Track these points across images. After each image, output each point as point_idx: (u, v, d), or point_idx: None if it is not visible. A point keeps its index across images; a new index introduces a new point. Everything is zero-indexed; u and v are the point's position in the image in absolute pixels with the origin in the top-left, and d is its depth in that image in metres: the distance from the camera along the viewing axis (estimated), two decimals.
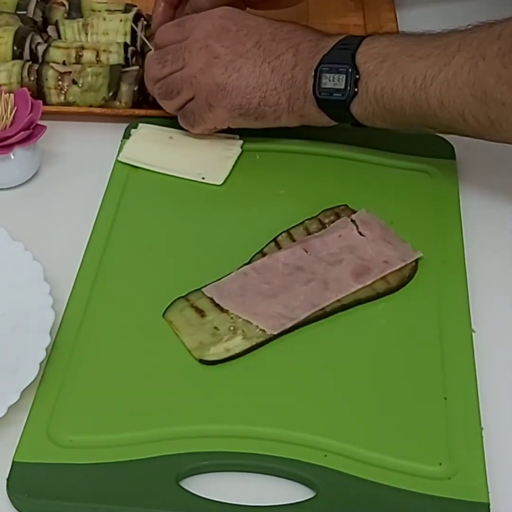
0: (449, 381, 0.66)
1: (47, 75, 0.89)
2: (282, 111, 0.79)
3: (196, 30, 0.80)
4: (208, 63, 0.78)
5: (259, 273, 0.72)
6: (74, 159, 0.86)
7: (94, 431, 0.63)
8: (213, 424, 0.63)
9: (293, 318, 0.69)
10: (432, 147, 0.85)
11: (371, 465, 0.61)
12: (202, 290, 0.71)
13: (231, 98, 0.78)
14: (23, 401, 0.62)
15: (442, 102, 0.72)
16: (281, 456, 0.61)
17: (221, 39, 0.79)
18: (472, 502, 0.59)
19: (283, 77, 0.78)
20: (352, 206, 0.78)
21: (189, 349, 0.67)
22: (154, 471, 0.60)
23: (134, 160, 0.84)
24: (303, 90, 0.78)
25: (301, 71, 0.78)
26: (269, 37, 0.79)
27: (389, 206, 0.79)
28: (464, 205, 0.80)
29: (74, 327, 0.69)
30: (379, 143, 0.85)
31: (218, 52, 0.78)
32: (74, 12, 0.99)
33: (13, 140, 0.80)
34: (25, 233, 0.75)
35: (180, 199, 0.81)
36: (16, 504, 0.59)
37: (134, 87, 0.89)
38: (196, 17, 0.82)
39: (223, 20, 0.80)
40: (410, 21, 1.04)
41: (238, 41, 0.79)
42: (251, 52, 0.78)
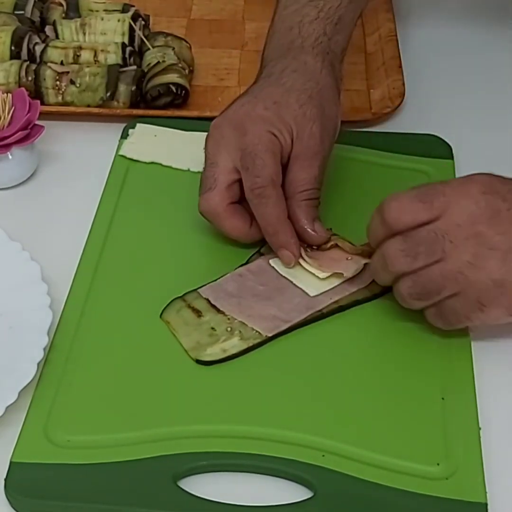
0: (447, 381, 0.66)
1: (45, 75, 0.89)
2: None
3: (452, 210, 0.63)
4: (479, 256, 0.63)
5: (254, 275, 0.72)
6: (72, 159, 0.86)
7: (92, 431, 0.63)
8: (210, 424, 0.63)
9: (288, 320, 0.69)
10: (430, 148, 0.85)
11: (369, 465, 0.61)
12: (198, 291, 0.71)
13: (511, 295, 0.64)
14: (20, 401, 0.62)
15: None
16: (279, 456, 0.61)
17: (494, 224, 0.63)
18: (469, 502, 0.59)
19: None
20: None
21: (186, 350, 0.67)
22: (152, 471, 0.60)
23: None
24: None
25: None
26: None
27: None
28: None
29: (72, 327, 0.69)
30: (377, 143, 0.85)
31: (493, 241, 0.62)
32: (72, 12, 1.00)
33: (10, 140, 0.80)
34: (22, 233, 0.75)
35: (179, 198, 0.81)
36: (14, 504, 0.59)
37: (132, 87, 0.89)
38: (447, 192, 0.64)
39: (488, 197, 0.63)
40: (408, 21, 1.04)
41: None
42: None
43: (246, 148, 0.70)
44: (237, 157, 0.71)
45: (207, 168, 0.72)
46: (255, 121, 0.71)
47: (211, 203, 0.72)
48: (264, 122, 0.71)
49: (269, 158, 0.70)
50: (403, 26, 1.01)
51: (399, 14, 1.02)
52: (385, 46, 0.97)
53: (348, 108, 0.90)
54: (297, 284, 0.71)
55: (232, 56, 0.99)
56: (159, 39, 0.96)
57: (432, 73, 0.97)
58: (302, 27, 0.77)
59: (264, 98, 0.72)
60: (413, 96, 0.92)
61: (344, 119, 0.78)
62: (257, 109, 0.71)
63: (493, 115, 0.92)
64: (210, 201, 0.72)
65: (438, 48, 1.01)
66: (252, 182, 0.70)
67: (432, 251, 0.63)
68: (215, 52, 1.00)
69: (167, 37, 0.96)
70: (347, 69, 0.82)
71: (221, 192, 0.71)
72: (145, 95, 0.90)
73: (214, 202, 0.72)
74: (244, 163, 0.70)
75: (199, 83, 0.95)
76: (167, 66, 0.91)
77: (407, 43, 0.99)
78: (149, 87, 0.90)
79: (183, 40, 0.97)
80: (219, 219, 0.73)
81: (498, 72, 0.98)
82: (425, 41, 1.02)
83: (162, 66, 0.91)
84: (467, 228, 0.63)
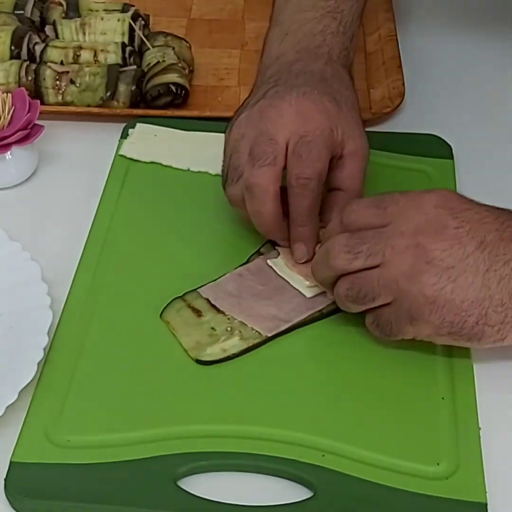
0: (447, 381, 0.66)
1: (44, 75, 0.89)
2: (510, 330, 0.62)
3: (402, 218, 0.63)
4: (416, 268, 0.61)
5: (254, 275, 0.72)
6: (72, 159, 0.86)
7: (92, 431, 0.63)
8: (210, 424, 0.63)
9: (288, 320, 0.69)
10: (430, 148, 0.85)
11: (369, 465, 0.61)
12: (198, 290, 0.71)
13: (441, 314, 0.61)
14: (21, 401, 0.62)
15: None
16: (279, 456, 0.61)
17: (437, 239, 0.61)
18: (469, 502, 0.59)
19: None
20: None
21: (186, 349, 0.67)
22: (152, 471, 0.60)
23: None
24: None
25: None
26: (496, 235, 0.62)
27: None
28: None
29: (72, 327, 0.69)
30: (377, 143, 0.85)
31: (432, 256, 0.61)
32: (72, 12, 1.00)
33: (10, 140, 0.80)
34: (22, 233, 0.75)
35: (180, 198, 0.81)
36: (14, 504, 0.59)
37: (131, 87, 0.89)
38: (402, 200, 0.64)
39: (439, 211, 0.62)
40: (408, 21, 1.04)
41: (457, 241, 0.61)
42: (473, 257, 0.61)
43: (306, 135, 0.69)
44: (292, 141, 0.70)
45: (266, 143, 0.70)
46: (321, 112, 0.71)
47: (267, 178, 0.69)
48: (329, 115, 0.71)
49: (324, 153, 0.70)
50: (403, 26, 1.01)
51: (399, 14, 1.02)
52: (385, 46, 0.97)
53: None
54: (293, 285, 0.71)
55: (232, 56, 0.99)
56: (159, 39, 0.96)
57: (432, 73, 0.97)
58: (326, 37, 0.78)
59: (325, 92, 0.72)
60: (413, 96, 0.92)
61: None
62: (323, 101, 0.71)
63: (493, 115, 0.92)
64: (267, 176, 0.69)
65: (438, 47, 1.01)
66: (301, 171, 0.69)
67: (374, 252, 0.63)
68: (215, 52, 1.00)
69: (167, 37, 0.96)
70: None
71: (279, 172, 0.70)
72: (145, 95, 0.90)
73: (270, 178, 0.69)
74: (299, 150, 0.69)
75: (199, 83, 0.95)
76: (167, 66, 0.91)
77: (407, 43, 0.99)
78: (149, 87, 0.90)
79: (183, 40, 0.97)
80: (266, 197, 0.69)
81: (498, 72, 0.98)
82: (425, 41, 1.02)
83: (162, 66, 0.91)
84: (409, 237, 0.62)
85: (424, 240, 0.62)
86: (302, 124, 0.70)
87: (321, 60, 0.76)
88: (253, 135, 0.71)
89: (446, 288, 0.61)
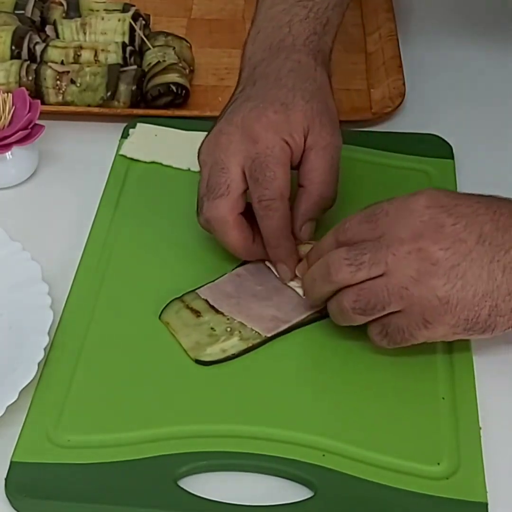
0: (447, 381, 0.66)
1: (45, 75, 0.89)
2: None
3: (396, 226, 0.62)
4: (423, 272, 0.61)
5: (252, 275, 0.72)
6: (72, 159, 0.86)
7: (92, 431, 0.63)
8: (210, 424, 0.63)
9: (287, 320, 0.69)
10: (430, 147, 0.85)
11: (369, 465, 0.61)
12: (196, 291, 0.71)
13: (455, 312, 0.61)
14: (21, 401, 0.62)
15: None
16: (279, 456, 0.61)
17: (437, 239, 0.61)
18: (470, 502, 0.59)
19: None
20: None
21: (186, 350, 0.67)
22: (152, 471, 0.60)
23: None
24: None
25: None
26: (492, 225, 0.62)
27: None
28: None
29: (72, 327, 0.69)
30: (377, 143, 0.85)
31: (437, 257, 0.61)
32: (72, 12, 1.00)
33: (11, 140, 0.80)
34: (23, 233, 0.75)
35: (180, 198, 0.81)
36: (15, 504, 0.59)
37: (132, 87, 0.89)
38: (391, 210, 0.63)
39: (432, 211, 0.62)
40: (409, 20, 1.04)
41: (457, 238, 0.61)
42: (476, 250, 0.61)
43: (257, 157, 0.69)
44: (247, 166, 0.69)
45: (218, 173, 0.70)
46: (267, 128, 0.69)
47: (222, 210, 0.69)
48: (276, 128, 0.70)
49: (279, 171, 0.69)
50: (403, 25, 1.01)
51: (399, 14, 1.02)
52: (385, 46, 0.97)
53: (348, 107, 0.90)
54: (291, 286, 0.71)
55: (232, 55, 0.99)
56: (159, 39, 0.96)
57: (433, 72, 0.97)
58: (292, 26, 0.76)
59: (271, 101, 0.71)
60: (413, 95, 0.92)
61: (344, 118, 0.78)
62: (268, 114, 0.70)
63: (494, 114, 0.92)
64: (221, 208, 0.69)
65: (439, 47, 1.01)
66: (261, 193, 0.69)
67: (376, 260, 0.62)
68: (215, 51, 1.00)
69: (167, 36, 0.96)
70: (347, 68, 0.82)
71: (233, 200, 0.70)
72: (145, 95, 0.90)
73: (225, 210, 0.69)
74: (254, 174, 0.69)
75: (199, 83, 0.95)
76: (168, 65, 0.91)
77: (408, 42, 0.99)
78: (150, 86, 0.90)
79: (183, 40, 0.97)
80: (226, 228, 0.70)
81: (499, 71, 0.98)
82: (425, 41, 1.01)
83: (163, 66, 0.91)
84: (410, 242, 0.61)
85: (425, 243, 0.61)
86: (251, 146, 0.69)
87: (282, 55, 0.75)
88: (210, 164, 0.71)
89: (457, 286, 0.61)
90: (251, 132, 0.70)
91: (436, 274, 0.61)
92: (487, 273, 0.61)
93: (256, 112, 0.70)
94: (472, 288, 0.61)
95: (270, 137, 0.69)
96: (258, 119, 0.70)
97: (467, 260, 0.61)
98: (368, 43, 1.00)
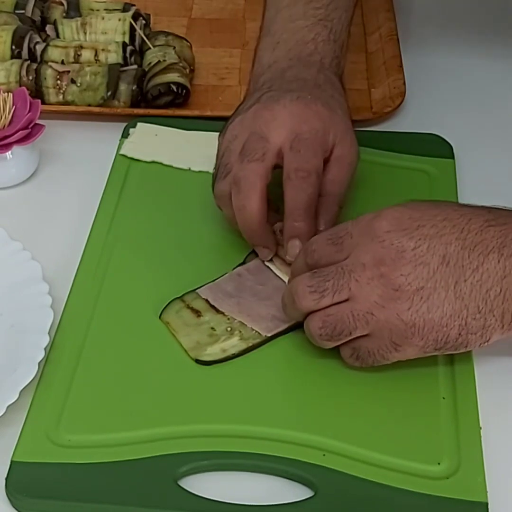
0: (448, 381, 0.66)
1: (45, 75, 0.89)
2: (493, 332, 0.62)
3: (359, 249, 0.62)
4: (386, 297, 0.61)
5: (253, 275, 0.72)
6: (73, 159, 0.86)
7: (92, 431, 0.63)
8: (211, 424, 0.63)
9: (287, 320, 0.69)
10: (431, 147, 0.85)
11: (369, 464, 0.61)
12: (197, 291, 0.71)
13: (423, 334, 0.61)
14: (21, 401, 0.62)
15: None
16: (280, 455, 0.61)
17: (398, 265, 0.61)
18: (470, 502, 0.59)
19: (487, 294, 0.61)
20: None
21: (186, 349, 0.67)
22: (153, 470, 0.60)
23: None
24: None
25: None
26: (457, 245, 0.61)
27: (387, 205, 0.78)
28: None
29: (73, 327, 0.69)
30: (377, 142, 0.85)
31: (398, 283, 0.60)
32: (73, 11, 1.00)
33: (11, 139, 0.80)
34: (23, 233, 0.75)
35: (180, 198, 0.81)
36: (15, 504, 0.59)
37: (132, 86, 0.89)
38: (355, 233, 0.63)
39: (392, 235, 0.61)
40: (409, 20, 1.04)
41: (419, 262, 0.61)
42: (439, 273, 0.60)
43: (303, 133, 0.70)
44: (288, 139, 0.70)
45: (257, 140, 0.70)
46: (315, 115, 0.72)
47: (255, 172, 0.69)
48: (322, 119, 0.72)
49: (320, 152, 0.71)
50: (403, 25, 1.01)
51: (399, 13, 1.02)
52: (385, 45, 0.97)
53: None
54: None
55: (233, 55, 0.99)
56: (159, 38, 0.96)
57: (433, 72, 0.97)
58: (317, 45, 0.78)
59: (317, 97, 0.73)
60: (413, 95, 0.92)
61: None
62: (317, 105, 0.72)
63: (494, 114, 0.92)
64: (255, 170, 0.69)
65: (439, 47, 1.01)
66: (300, 164, 0.69)
67: (339, 287, 0.62)
68: (215, 51, 1.00)
69: (167, 36, 0.96)
70: (347, 68, 0.82)
71: (267, 168, 0.70)
72: (145, 95, 0.90)
73: (258, 173, 0.69)
74: (297, 145, 0.70)
75: (199, 83, 0.95)
76: (168, 65, 0.91)
77: (408, 42, 0.99)
78: (150, 86, 0.90)
79: (183, 39, 0.97)
80: (252, 192, 0.69)
81: (499, 71, 0.98)
82: (425, 40, 1.02)
83: (163, 65, 0.91)
84: (371, 268, 0.61)
85: (386, 269, 0.61)
86: (298, 125, 0.71)
87: (313, 68, 0.77)
88: (245, 136, 0.71)
89: (422, 309, 0.60)
90: (300, 114, 0.71)
91: (400, 298, 0.61)
92: (453, 294, 0.60)
93: (305, 101, 0.72)
94: (439, 309, 0.60)
95: (316, 123, 0.71)
96: (308, 106, 0.72)
97: (430, 282, 0.60)
98: (369, 42, 1.00)
